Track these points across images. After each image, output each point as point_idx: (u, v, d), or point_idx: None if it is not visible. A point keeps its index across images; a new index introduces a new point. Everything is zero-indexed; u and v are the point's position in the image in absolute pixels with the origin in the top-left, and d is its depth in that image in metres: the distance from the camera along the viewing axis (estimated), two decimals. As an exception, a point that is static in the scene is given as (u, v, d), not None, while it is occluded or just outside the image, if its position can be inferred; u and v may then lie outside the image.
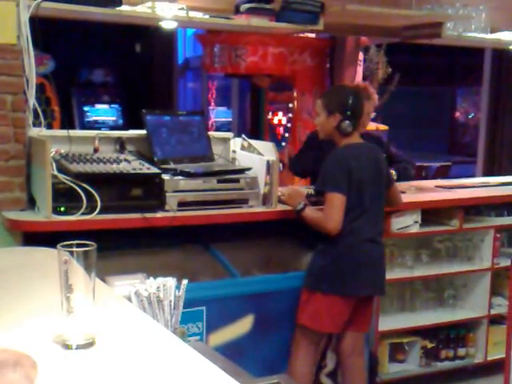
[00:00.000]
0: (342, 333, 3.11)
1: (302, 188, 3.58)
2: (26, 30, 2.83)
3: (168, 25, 3.56)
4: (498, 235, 3.83)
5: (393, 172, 3.96)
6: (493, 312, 3.88)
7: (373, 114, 4.05)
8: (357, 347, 3.16)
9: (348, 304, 3.01)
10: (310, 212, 3.02)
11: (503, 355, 2.95)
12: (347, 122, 3.00)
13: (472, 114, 15.05)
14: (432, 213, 3.69)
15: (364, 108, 3.20)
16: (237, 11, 3.64)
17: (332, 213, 2.92)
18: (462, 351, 3.86)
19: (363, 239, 3.00)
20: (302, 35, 5.28)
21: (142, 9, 3.32)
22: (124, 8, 3.23)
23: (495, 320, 3.91)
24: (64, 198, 2.74)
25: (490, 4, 4.40)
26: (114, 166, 2.91)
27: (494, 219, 3.88)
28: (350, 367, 3.17)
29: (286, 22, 3.65)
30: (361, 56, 5.62)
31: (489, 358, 3.90)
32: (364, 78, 5.55)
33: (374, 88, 4.61)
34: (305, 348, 3.09)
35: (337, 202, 2.92)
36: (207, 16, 3.51)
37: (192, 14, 3.43)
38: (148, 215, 2.87)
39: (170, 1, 3.46)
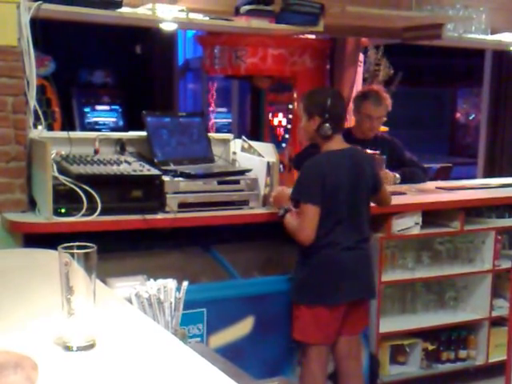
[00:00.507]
0: (334, 340, 3.09)
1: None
2: (27, 31, 2.84)
3: (168, 26, 3.56)
4: (499, 237, 3.82)
5: (396, 175, 3.98)
6: (494, 314, 3.87)
7: (384, 119, 4.06)
8: (351, 351, 3.12)
9: (334, 313, 2.98)
10: (289, 219, 3.01)
11: (504, 357, 2.95)
12: (327, 125, 2.96)
13: (473, 115, 15.05)
14: (433, 214, 3.68)
15: (345, 111, 3.16)
16: (237, 13, 3.64)
17: (305, 224, 2.92)
18: (463, 353, 3.85)
19: (340, 248, 2.96)
20: (301, 36, 5.28)
21: (142, 11, 3.32)
22: (124, 10, 3.23)
23: (496, 322, 3.90)
24: (64, 199, 2.75)
25: (490, 5, 4.40)
26: (115, 167, 2.91)
27: (495, 221, 3.88)
28: (345, 370, 3.15)
29: (285, 23, 3.65)
30: (361, 57, 5.62)
31: (490, 360, 3.90)
32: (364, 80, 5.55)
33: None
34: (316, 362, 3.04)
35: (310, 213, 2.91)
36: (207, 18, 3.51)
37: (192, 15, 3.43)
38: (148, 217, 2.87)
39: (170, 2, 3.46)
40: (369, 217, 3.10)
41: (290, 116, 5.88)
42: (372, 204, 3.20)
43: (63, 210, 2.74)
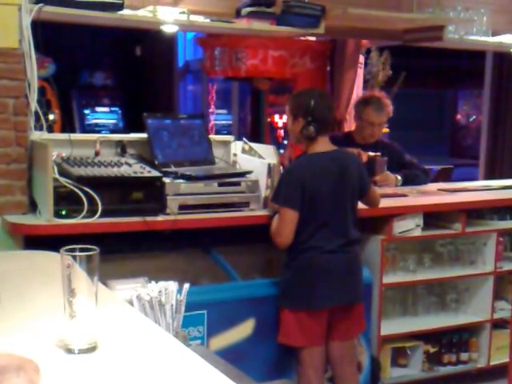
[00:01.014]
0: (327, 343, 3.05)
1: None
2: (28, 34, 2.83)
3: (169, 29, 3.56)
4: (501, 239, 3.82)
5: (398, 177, 3.99)
6: (496, 316, 3.85)
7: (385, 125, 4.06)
8: (345, 356, 3.10)
9: (317, 317, 2.95)
10: (273, 222, 2.98)
11: (506, 360, 2.96)
12: (311, 127, 2.93)
13: (473, 117, 15.06)
14: (434, 216, 3.68)
15: (332, 112, 3.09)
16: (238, 15, 3.64)
17: (281, 227, 2.90)
18: (464, 356, 3.84)
19: (322, 252, 2.92)
20: (302, 38, 5.28)
21: (143, 13, 3.31)
22: (125, 12, 3.23)
23: (498, 324, 3.89)
24: (65, 201, 2.74)
25: (491, 7, 4.40)
26: (115, 169, 2.91)
27: (497, 223, 3.87)
28: (340, 375, 3.12)
29: (286, 25, 3.64)
30: (361, 59, 5.62)
31: (492, 363, 3.88)
32: (365, 81, 5.55)
33: (375, 90, 4.61)
34: (310, 367, 3.01)
35: (287, 217, 2.88)
36: (208, 20, 3.51)
37: (193, 17, 3.43)
38: (149, 219, 2.86)
39: (171, 5, 3.46)
40: (356, 219, 3.05)
41: (291, 118, 5.88)
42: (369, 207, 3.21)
43: (64, 212, 2.74)
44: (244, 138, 3.48)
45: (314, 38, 5.54)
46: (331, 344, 3.06)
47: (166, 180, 2.96)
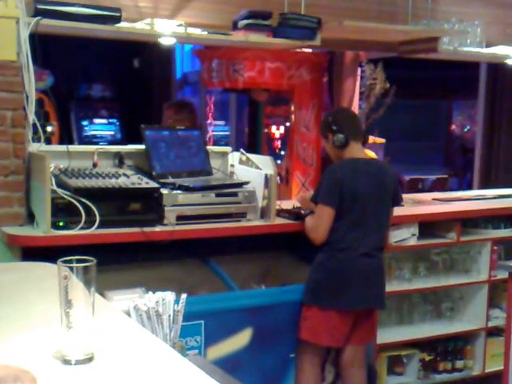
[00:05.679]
0: (342, 346, 3.12)
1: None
2: (26, 46, 2.85)
3: (167, 41, 3.59)
4: (495, 247, 3.84)
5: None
6: (490, 324, 3.88)
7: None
8: (356, 359, 3.17)
9: (345, 318, 3.03)
10: (308, 219, 3.14)
11: (501, 367, 2.97)
12: (339, 135, 3.11)
13: (468, 127, 15.08)
14: (429, 225, 3.70)
15: (356, 120, 3.28)
16: (235, 27, 3.67)
17: (318, 224, 3.04)
18: (459, 363, 3.86)
19: (359, 254, 3.02)
20: (298, 50, 5.31)
21: (140, 25, 3.34)
22: (123, 24, 3.25)
23: (493, 332, 3.92)
24: (63, 212, 2.75)
25: (485, 19, 4.44)
26: (113, 180, 2.92)
27: (491, 232, 3.90)
28: (349, 379, 3.18)
29: (283, 37, 3.68)
30: (358, 71, 5.65)
31: (487, 370, 3.90)
32: (361, 93, 5.58)
33: (371, 102, 4.64)
34: (309, 362, 3.10)
35: (324, 214, 3.02)
36: (206, 32, 3.54)
37: (190, 30, 3.45)
38: (147, 229, 2.87)
39: (168, 17, 3.49)
40: (388, 227, 3.22)
41: (288, 126, 5.91)
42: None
43: (61, 224, 2.75)
44: (241, 149, 3.51)
45: (310, 50, 5.57)
46: (346, 347, 3.12)
47: (164, 191, 2.98)
